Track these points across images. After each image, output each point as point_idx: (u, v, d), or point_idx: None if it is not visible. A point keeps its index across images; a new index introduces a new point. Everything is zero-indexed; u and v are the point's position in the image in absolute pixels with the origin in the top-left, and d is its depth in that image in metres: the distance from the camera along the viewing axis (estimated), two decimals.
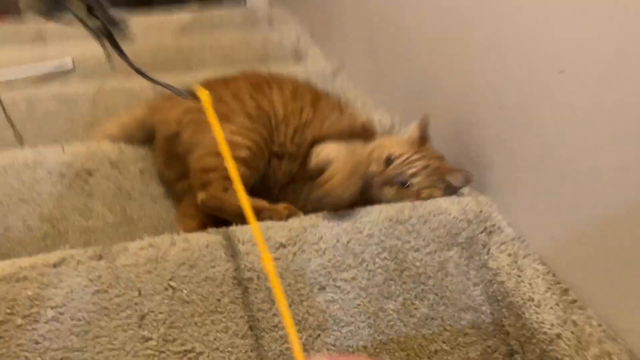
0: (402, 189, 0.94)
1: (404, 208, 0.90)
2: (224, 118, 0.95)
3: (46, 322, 0.74)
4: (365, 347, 0.82)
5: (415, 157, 0.95)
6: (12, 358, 0.72)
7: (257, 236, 0.70)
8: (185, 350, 0.77)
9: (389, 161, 0.96)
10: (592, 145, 0.72)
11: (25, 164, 1.05)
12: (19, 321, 0.73)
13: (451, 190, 0.96)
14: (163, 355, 0.77)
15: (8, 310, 0.73)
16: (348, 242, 0.85)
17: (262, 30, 1.99)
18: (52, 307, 0.75)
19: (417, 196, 0.94)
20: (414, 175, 0.95)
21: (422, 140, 0.99)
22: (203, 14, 2.08)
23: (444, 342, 0.85)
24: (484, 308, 0.87)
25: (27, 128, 1.30)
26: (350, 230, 0.86)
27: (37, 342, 0.73)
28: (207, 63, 1.71)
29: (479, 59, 0.95)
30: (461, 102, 1.02)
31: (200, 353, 0.78)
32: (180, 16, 2.07)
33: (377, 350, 0.82)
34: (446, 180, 0.95)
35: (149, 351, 0.76)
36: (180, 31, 1.98)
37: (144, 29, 1.97)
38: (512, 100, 0.87)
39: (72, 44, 1.72)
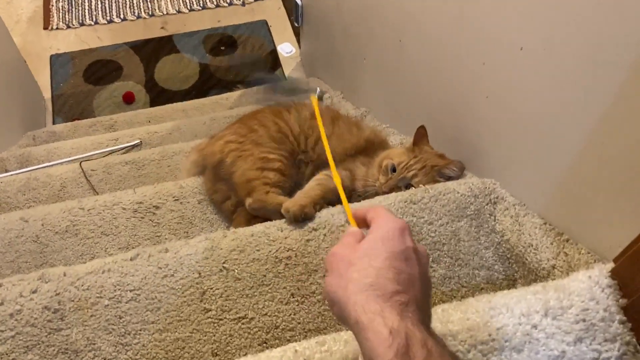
0: (408, 189, 1.10)
1: (417, 191, 1.05)
2: (255, 143, 1.17)
3: (127, 302, 0.92)
4: None
5: (412, 162, 1.13)
6: (103, 330, 0.89)
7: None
8: (239, 317, 0.92)
9: (393, 169, 1.13)
10: (542, 106, 0.87)
11: (104, 205, 1.26)
12: (106, 302, 0.91)
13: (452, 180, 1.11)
14: (221, 322, 0.92)
15: (97, 295, 0.92)
16: None
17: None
18: (130, 290, 0.93)
19: None
20: (414, 176, 1.12)
21: (417, 146, 1.18)
22: (247, 91, 2.36)
23: (462, 297, 0.96)
24: (496, 267, 0.98)
25: (106, 188, 1.54)
26: None
27: (120, 317, 0.90)
28: None
29: (465, 76, 1.12)
30: (457, 107, 1.18)
31: (252, 318, 0.92)
32: (229, 94, 2.36)
33: None
34: (443, 174, 1.12)
35: (209, 320, 0.92)
36: (230, 106, 2.26)
37: (199, 108, 2.27)
38: (493, 89, 1.03)
39: (137, 129, 2.00)
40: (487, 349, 0.63)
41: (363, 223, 0.67)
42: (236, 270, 0.95)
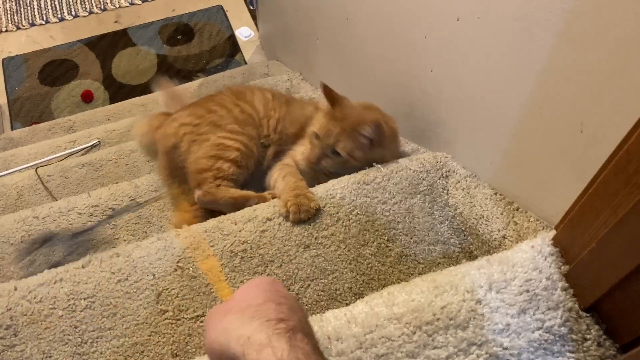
0: (337, 157, 1.06)
1: (369, 172, 1.04)
2: (214, 125, 1.14)
3: (82, 311, 0.90)
4: (350, 288, 0.94)
5: (331, 125, 1.06)
6: (59, 342, 0.88)
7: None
8: (197, 316, 0.91)
9: (317, 137, 1.08)
10: (482, 76, 0.86)
11: (59, 211, 1.24)
12: (60, 313, 0.90)
13: (374, 142, 1.05)
14: (179, 322, 0.91)
15: (51, 306, 0.90)
16: (324, 206, 0.99)
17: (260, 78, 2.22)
18: (84, 299, 0.91)
19: (352, 159, 1.06)
20: (337, 142, 1.05)
21: (336, 106, 1.10)
22: (208, 79, 2.32)
23: (420, 274, 0.96)
24: (452, 240, 0.98)
25: (64, 193, 1.51)
26: (325, 197, 1.00)
27: (76, 327, 0.89)
28: None
29: (409, 51, 1.11)
30: (406, 82, 1.17)
31: None
32: (189, 84, 2.31)
33: (361, 289, 0.94)
34: (363, 135, 1.04)
35: (167, 321, 0.91)
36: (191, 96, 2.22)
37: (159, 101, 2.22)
38: (436, 62, 1.02)
39: (96, 129, 1.96)
40: (431, 329, 0.63)
41: None
42: (191, 269, 0.94)
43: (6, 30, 2.72)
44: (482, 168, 0.98)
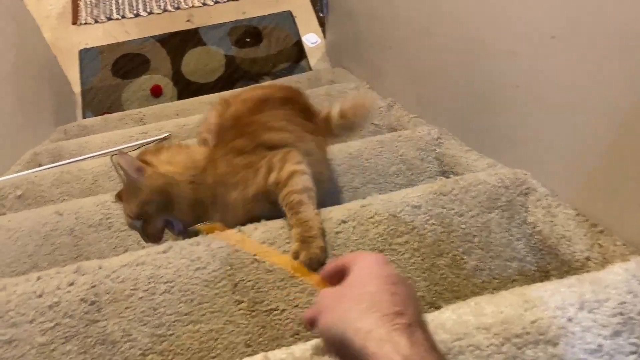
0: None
1: (446, 183, 1.04)
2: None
3: (161, 294, 0.93)
4: (423, 297, 0.94)
5: None
6: (138, 322, 0.91)
7: None
8: (270, 309, 0.93)
9: None
10: (574, 94, 0.86)
11: None
12: (141, 294, 0.93)
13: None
14: (254, 313, 0.93)
15: (132, 287, 0.93)
16: (399, 213, 1.00)
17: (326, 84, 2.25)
18: (164, 283, 0.94)
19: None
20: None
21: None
22: (274, 82, 2.37)
23: (494, 289, 0.95)
24: (528, 258, 0.97)
25: None
26: (400, 204, 1.01)
27: (155, 309, 0.92)
28: None
29: (494, 66, 1.11)
30: (486, 97, 1.17)
31: (283, 310, 0.93)
32: (256, 86, 2.36)
33: (434, 298, 0.94)
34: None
35: (241, 311, 0.93)
36: None
37: None
38: (522, 78, 1.01)
39: (166, 122, 2.02)
40: (521, 342, 0.63)
41: (340, 276, 0.63)
42: (267, 262, 0.96)
43: (85, 23, 2.83)
44: (563, 188, 0.97)
